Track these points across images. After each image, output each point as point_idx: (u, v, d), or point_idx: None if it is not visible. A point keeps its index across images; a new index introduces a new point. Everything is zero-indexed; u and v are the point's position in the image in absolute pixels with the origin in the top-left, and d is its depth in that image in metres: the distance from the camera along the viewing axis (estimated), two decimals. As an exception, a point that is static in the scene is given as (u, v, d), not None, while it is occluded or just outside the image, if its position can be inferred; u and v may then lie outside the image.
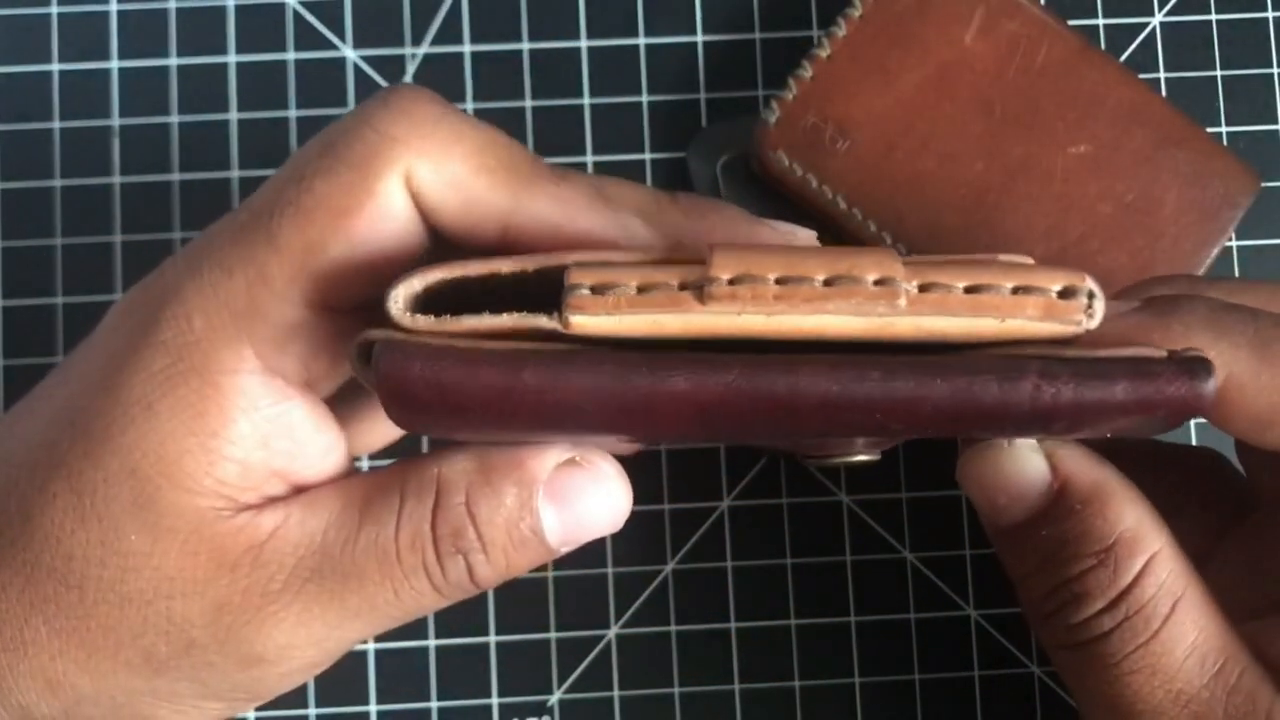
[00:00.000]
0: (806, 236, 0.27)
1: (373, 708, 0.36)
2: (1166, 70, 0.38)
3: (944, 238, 0.35)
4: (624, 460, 0.37)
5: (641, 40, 0.38)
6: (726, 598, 0.36)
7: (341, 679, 0.36)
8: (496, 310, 0.22)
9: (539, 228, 0.24)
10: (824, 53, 0.35)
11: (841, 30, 0.35)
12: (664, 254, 0.22)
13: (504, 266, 0.22)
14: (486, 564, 0.25)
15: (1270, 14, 0.38)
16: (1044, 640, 0.27)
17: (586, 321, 0.21)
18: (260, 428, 0.24)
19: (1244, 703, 0.25)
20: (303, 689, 0.36)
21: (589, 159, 0.37)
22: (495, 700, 0.36)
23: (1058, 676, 0.36)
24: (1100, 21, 0.38)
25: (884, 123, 0.35)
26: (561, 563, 0.36)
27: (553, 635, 0.36)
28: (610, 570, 0.36)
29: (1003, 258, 0.22)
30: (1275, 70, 0.38)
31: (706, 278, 0.21)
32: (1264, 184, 0.36)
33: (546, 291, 0.22)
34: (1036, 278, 0.21)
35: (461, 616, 0.36)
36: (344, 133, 0.24)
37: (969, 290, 0.21)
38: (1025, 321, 0.21)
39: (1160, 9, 0.38)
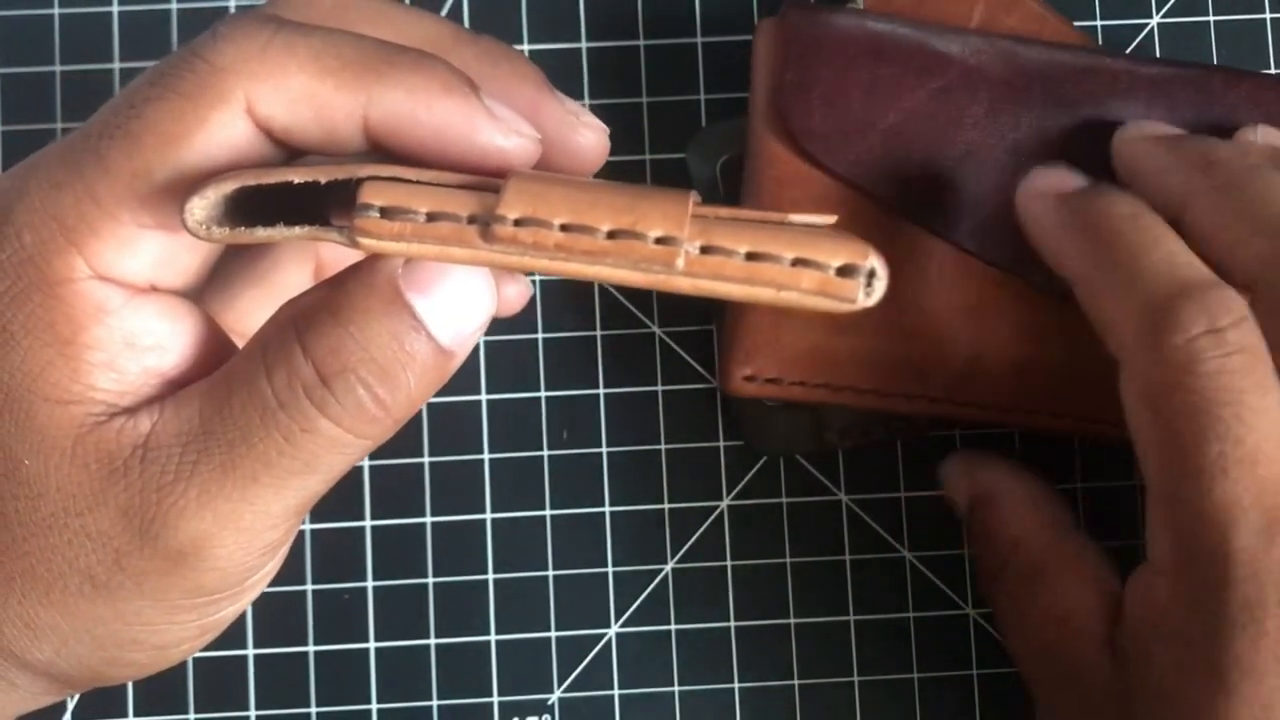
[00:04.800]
0: (593, 122, 0.27)
1: (373, 706, 0.36)
2: (1164, 71, 0.38)
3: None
4: (624, 460, 0.37)
5: (642, 41, 0.38)
6: (726, 597, 0.36)
7: (342, 677, 0.36)
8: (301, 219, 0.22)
9: (399, 121, 0.24)
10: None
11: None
12: (464, 176, 0.22)
13: (296, 176, 0.22)
14: (384, 378, 0.23)
15: (1267, 15, 0.38)
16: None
17: (375, 244, 0.21)
18: (117, 330, 0.24)
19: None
20: (303, 686, 0.36)
21: (589, 159, 0.37)
22: (495, 699, 0.36)
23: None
24: (1099, 23, 0.38)
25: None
26: (561, 562, 0.36)
27: (553, 634, 0.36)
28: (610, 569, 0.36)
29: (796, 218, 0.21)
30: (1273, 71, 0.38)
31: (494, 215, 0.21)
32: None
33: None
34: (820, 250, 0.20)
35: (462, 615, 0.36)
36: (174, 64, 0.24)
37: (750, 257, 0.21)
38: (800, 295, 0.21)
39: (1158, 10, 0.38)
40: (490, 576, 0.36)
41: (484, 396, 0.37)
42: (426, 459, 0.37)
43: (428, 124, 0.24)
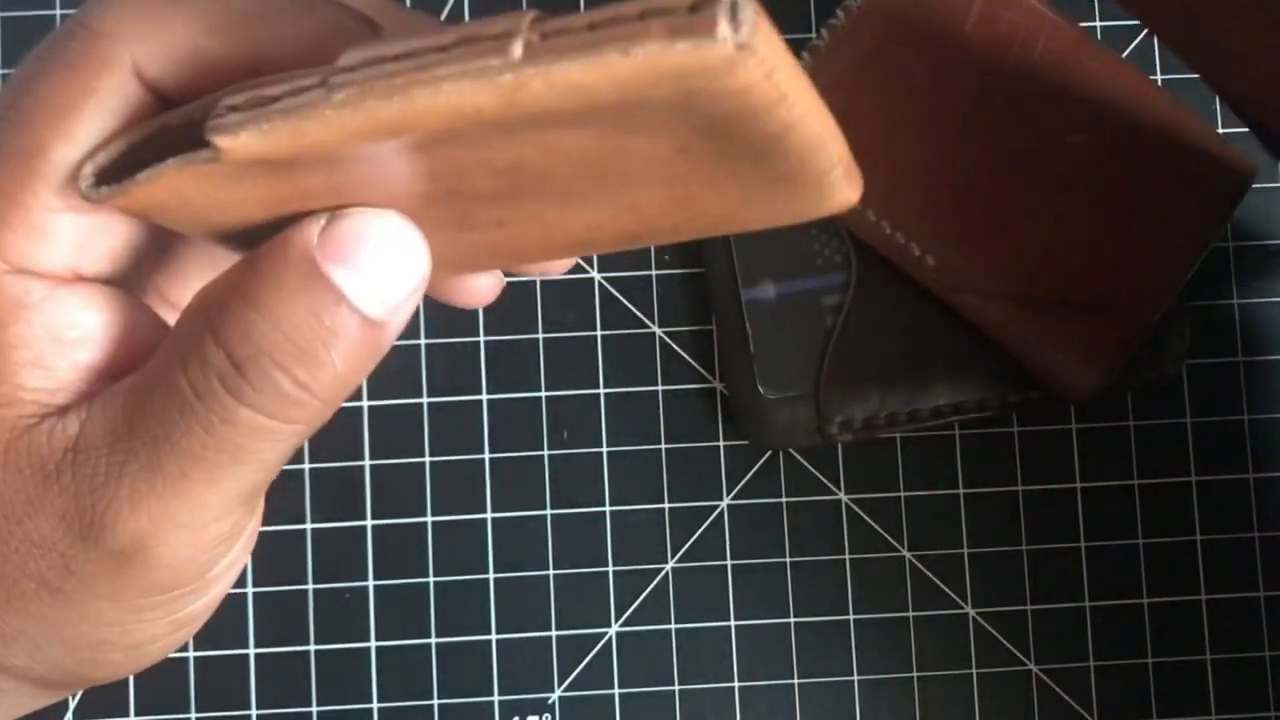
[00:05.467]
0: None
1: (374, 705, 0.36)
2: (1163, 72, 0.38)
3: (942, 224, 0.35)
4: (624, 460, 0.37)
5: (641, 42, 0.38)
6: (726, 596, 0.37)
7: (343, 676, 0.36)
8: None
9: (295, 69, 0.22)
10: (824, 44, 0.35)
11: (841, 21, 0.35)
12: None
13: (172, 119, 0.21)
14: (303, 358, 0.22)
15: (1266, 16, 0.38)
16: None
17: (232, 142, 0.20)
18: (40, 325, 0.23)
19: None
20: (304, 685, 0.36)
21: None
22: (496, 698, 0.36)
23: (1054, 674, 0.36)
24: (1098, 24, 0.38)
25: (884, 112, 0.35)
26: (561, 561, 0.36)
27: (553, 633, 0.36)
28: (610, 569, 0.37)
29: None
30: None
31: (333, 70, 0.20)
32: (1258, 184, 0.36)
33: None
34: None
35: (462, 615, 0.36)
36: (60, 34, 0.23)
37: (592, 27, 0.18)
38: (652, 49, 0.18)
39: (1157, 11, 0.39)
40: (490, 576, 0.37)
41: (484, 396, 0.37)
42: (427, 459, 0.37)
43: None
